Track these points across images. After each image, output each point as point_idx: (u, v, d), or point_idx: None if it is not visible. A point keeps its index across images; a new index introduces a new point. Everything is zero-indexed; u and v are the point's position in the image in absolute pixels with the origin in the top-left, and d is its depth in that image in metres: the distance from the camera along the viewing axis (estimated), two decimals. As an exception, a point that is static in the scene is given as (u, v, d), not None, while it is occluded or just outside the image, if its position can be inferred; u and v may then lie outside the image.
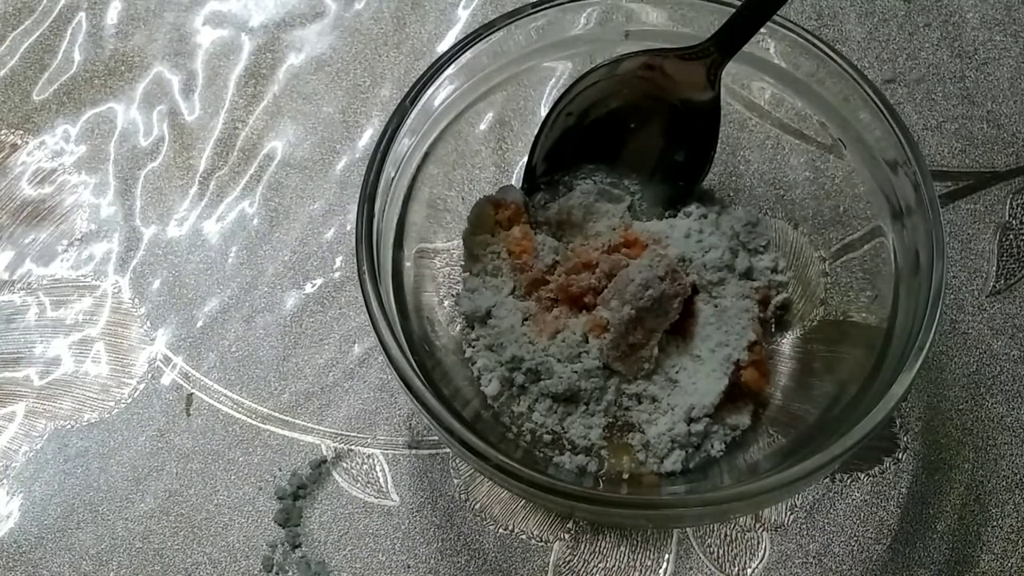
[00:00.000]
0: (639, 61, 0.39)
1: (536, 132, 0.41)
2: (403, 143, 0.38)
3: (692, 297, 0.39)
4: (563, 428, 0.38)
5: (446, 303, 0.41)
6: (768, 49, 0.39)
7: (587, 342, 0.38)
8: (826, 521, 0.39)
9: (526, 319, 0.40)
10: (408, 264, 0.39)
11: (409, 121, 0.37)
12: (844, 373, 0.37)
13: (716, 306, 0.39)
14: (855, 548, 0.39)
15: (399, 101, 0.37)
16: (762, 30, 0.37)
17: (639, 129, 0.41)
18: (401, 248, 0.38)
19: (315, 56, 0.50)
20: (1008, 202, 0.45)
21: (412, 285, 0.39)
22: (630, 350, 0.38)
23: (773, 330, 0.40)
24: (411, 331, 0.37)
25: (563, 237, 0.42)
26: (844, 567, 0.39)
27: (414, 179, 0.39)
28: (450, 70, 0.38)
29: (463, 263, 0.42)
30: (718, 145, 0.41)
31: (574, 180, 0.42)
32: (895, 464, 0.40)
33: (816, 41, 0.38)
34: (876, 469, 0.40)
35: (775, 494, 0.32)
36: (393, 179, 0.38)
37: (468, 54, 0.38)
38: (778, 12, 0.36)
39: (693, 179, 0.42)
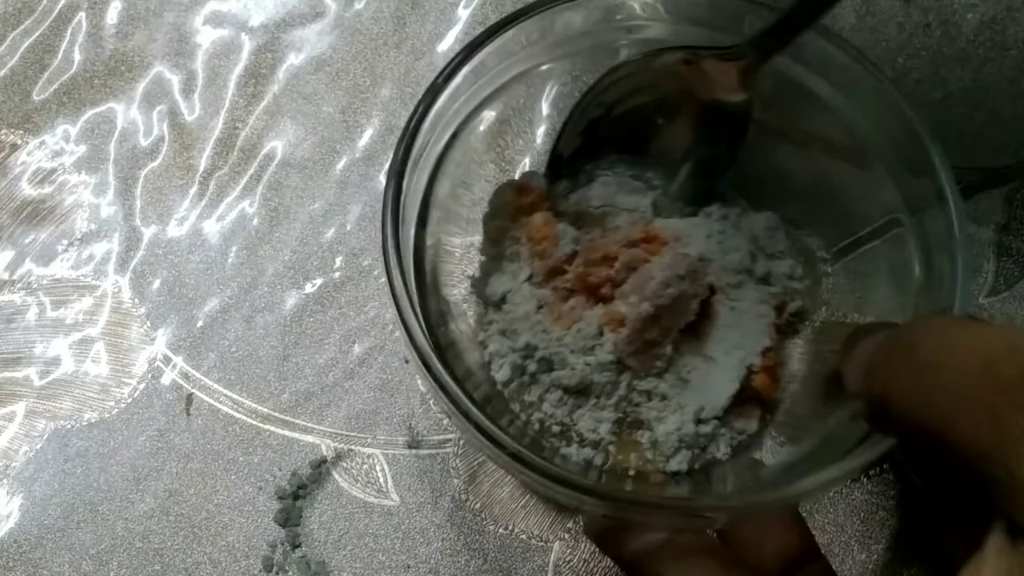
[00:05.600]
0: (675, 57, 0.39)
1: (564, 119, 0.41)
2: (421, 137, 0.37)
3: (709, 298, 0.39)
4: (572, 420, 0.38)
5: (461, 286, 0.41)
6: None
7: (602, 335, 0.38)
8: (826, 521, 0.39)
9: (541, 307, 0.40)
10: (430, 243, 0.39)
11: (437, 105, 0.37)
12: None
13: (733, 309, 0.38)
14: (855, 548, 0.39)
15: (432, 80, 0.37)
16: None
17: (668, 125, 0.41)
18: (424, 226, 0.38)
19: (315, 56, 0.50)
20: (1008, 202, 0.45)
21: (431, 264, 0.39)
22: (644, 347, 0.37)
23: (787, 337, 0.40)
24: (428, 310, 0.37)
25: (583, 227, 0.41)
26: (844, 567, 0.39)
27: (440, 159, 0.39)
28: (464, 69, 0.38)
29: (481, 247, 0.42)
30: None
31: (597, 171, 0.42)
32: (895, 464, 0.40)
33: (828, 34, 0.37)
34: (876, 469, 0.40)
35: (787, 503, 0.32)
36: (419, 158, 0.37)
37: (477, 56, 0.38)
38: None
39: (717, 179, 0.41)
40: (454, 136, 0.40)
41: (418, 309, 0.34)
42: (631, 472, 0.38)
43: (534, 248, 0.40)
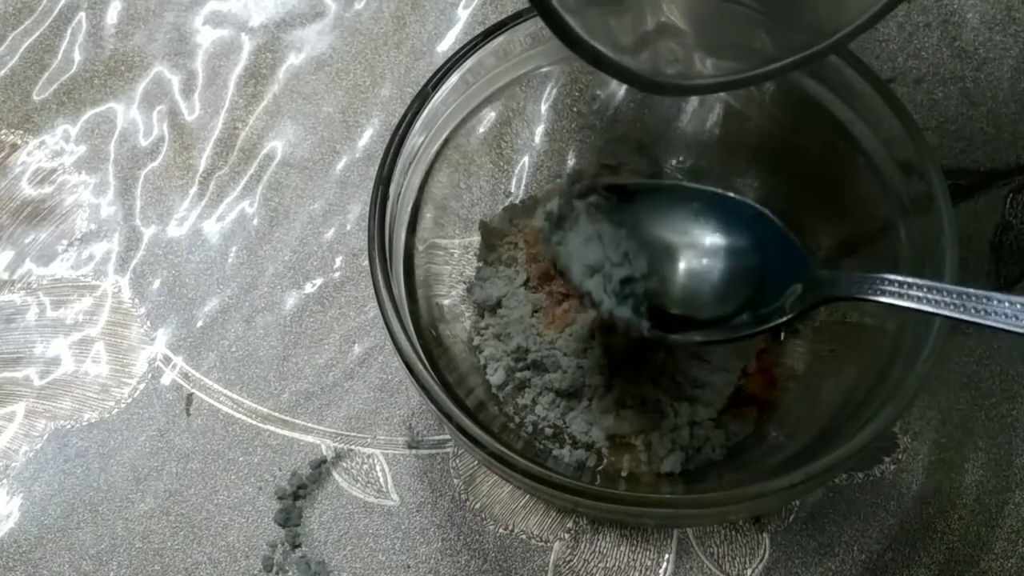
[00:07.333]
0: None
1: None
2: (416, 138, 0.38)
3: None
4: (565, 423, 0.38)
5: (454, 292, 0.41)
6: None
7: (593, 339, 0.38)
8: (826, 521, 0.39)
9: (536, 311, 0.40)
10: (420, 248, 0.39)
11: (426, 110, 0.37)
12: (850, 380, 0.36)
13: None
14: (855, 548, 0.39)
15: (421, 86, 0.37)
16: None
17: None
18: (414, 232, 0.38)
19: (315, 56, 0.50)
20: (1007, 202, 0.45)
21: (423, 269, 0.39)
22: (636, 352, 0.37)
23: (783, 338, 0.40)
24: (419, 315, 0.37)
25: None
26: (844, 567, 0.39)
27: (435, 161, 0.39)
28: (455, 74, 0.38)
29: (478, 251, 0.42)
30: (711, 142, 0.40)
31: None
32: (895, 464, 0.40)
33: None
34: (876, 469, 0.40)
35: (774, 498, 0.32)
36: (410, 166, 0.37)
37: (474, 58, 0.38)
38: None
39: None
40: (450, 138, 0.40)
41: (405, 312, 0.34)
42: (624, 474, 0.38)
43: (530, 252, 0.40)
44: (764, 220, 0.36)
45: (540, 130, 0.43)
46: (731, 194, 0.36)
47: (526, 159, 0.43)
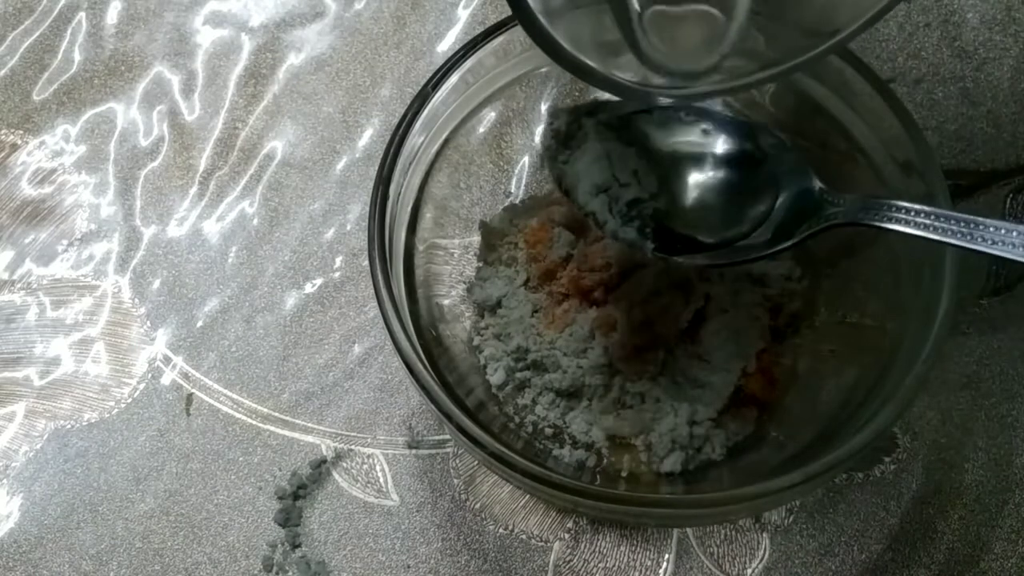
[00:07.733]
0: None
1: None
2: (416, 138, 0.38)
3: (704, 307, 0.39)
4: (565, 423, 0.38)
5: (454, 292, 0.41)
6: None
7: (593, 338, 0.38)
8: (826, 521, 0.39)
9: (536, 311, 0.40)
10: (420, 248, 0.39)
11: (426, 110, 0.37)
12: (850, 380, 0.36)
13: (728, 311, 0.39)
14: (855, 548, 0.39)
15: (421, 86, 0.37)
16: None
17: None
18: (414, 232, 0.38)
19: (315, 56, 0.50)
20: (1007, 201, 0.45)
21: (423, 269, 0.39)
22: (635, 352, 0.37)
23: (783, 339, 0.40)
24: (419, 315, 0.37)
25: (580, 233, 0.41)
26: (844, 567, 0.39)
27: (435, 161, 0.39)
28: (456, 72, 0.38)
29: (479, 251, 0.42)
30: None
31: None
32: (895, 464, 0.40)
33: None
34: (876, 469, 0.40)
35: (774, 498, 0.32)
36: (409, 166, 0.37)
37: (474, 58, 0.38)
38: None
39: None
40: (450, 138, 0.40)
41: (405, 312, 0.34)
42: (624, 474, 0.38)
43: (530, 251, 0.40)
44: (777, 145, 0.35)
45: (540, 130, 0.43)
46: (744, 118, 0.36)
47: (526, 159, 0.43)
